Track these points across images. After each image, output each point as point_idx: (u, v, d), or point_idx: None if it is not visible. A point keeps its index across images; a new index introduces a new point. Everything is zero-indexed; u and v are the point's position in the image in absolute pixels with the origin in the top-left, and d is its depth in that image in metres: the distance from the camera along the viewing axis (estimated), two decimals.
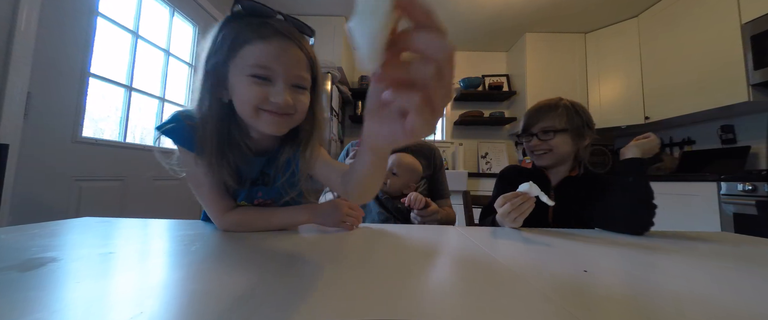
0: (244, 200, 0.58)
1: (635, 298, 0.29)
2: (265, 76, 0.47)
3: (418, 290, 0.30)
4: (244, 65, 0.47)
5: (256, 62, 0.46)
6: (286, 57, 0.48)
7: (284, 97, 0.47)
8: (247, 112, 0.49)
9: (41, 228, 0.51)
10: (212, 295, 0.26)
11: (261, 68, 0.47)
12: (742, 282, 0.36)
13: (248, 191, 0.58)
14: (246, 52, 0.47)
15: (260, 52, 0.47)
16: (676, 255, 0.47)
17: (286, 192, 0.59)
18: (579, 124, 0.80)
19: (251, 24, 0.48)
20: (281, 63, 0.47)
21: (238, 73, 0.48)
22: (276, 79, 0.48)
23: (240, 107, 0.49)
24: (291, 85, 0.49)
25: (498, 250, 0.46)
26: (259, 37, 0.47)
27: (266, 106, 0.47)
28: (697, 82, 2.04)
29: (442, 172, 1.10)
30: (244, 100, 0.48)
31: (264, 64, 0.47)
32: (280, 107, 0.48)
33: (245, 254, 0.42)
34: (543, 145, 0.80)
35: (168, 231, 0.54)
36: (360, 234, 0.57)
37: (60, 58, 1.24)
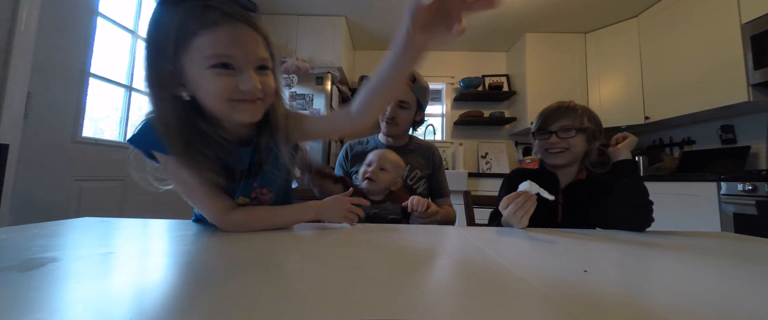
0: (241, 196, 0.56)
1: (635, 298, 0.29)
2: (227, 64, 0.45)
3: (418, 290, 0.30)
4: (200, 58, 0.44)
5: (213, 53, 0.44)
6: (242, 40, 0.45)
7: (253, 84, 0.46)
8: (219, 105, 0.46)
9: (41, 228, 0.51)
10: (212, 295, 0.26)
11: (220, 57, 0.44)
12: (742, 282, 0.36)
13: (243, 185, 0.55)
14: (197, 43, 0.43)
15: (214, 40, 0.43)
16: (676, 255, 0.47)
17: (275, 175, 0.57)
18: (594, 128, 0.83)
19: (192, 11, 0.43)
20: (240, 48, 0.45)
21: (196, 67, 0.44)
22: (239, 65, 0.45)
23: (209, 102, 0.47)
24: (255, 68, 0.47)
25: (498, 250, 0.46)
26: (205, 25, 0.43)
27: (237, 95, 0.46)
28: (697, 82, 2.04)
29: (442, 171, 1.10)
30: (213, 94, 0.45)
31: (222, 53, 0.44)
32: (251, 94, 0.46)
33: (245, 254, 0.42)
34: (561, 143, 0.82)
35: (168, 231, 0.54)
36: (360, 233, 0.57)
37: (60, 58, 1.24)
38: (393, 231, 0.61)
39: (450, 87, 3.26)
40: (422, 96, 1.04)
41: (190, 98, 0.47)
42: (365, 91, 0.51)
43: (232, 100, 0.46)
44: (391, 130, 1.04)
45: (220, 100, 0.46)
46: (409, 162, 1.04)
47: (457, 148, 3.00)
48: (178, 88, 0.46)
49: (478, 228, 0.68)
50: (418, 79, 1.03)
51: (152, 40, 0.46)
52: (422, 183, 1.04)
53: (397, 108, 1.01)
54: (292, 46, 2.64)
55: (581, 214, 0.81)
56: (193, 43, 0.43)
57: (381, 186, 0.87)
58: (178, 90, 0.46)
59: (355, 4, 2.50)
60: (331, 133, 0.62)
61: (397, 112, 1.01)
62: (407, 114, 1.03)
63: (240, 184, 0.55)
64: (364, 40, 3.11)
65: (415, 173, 1.03)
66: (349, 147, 1.09)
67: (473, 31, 2.86)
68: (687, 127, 2.38)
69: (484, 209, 1.06)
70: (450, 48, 3.22)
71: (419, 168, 1.04)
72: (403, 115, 1.02)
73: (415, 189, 1.02)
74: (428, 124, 3.08)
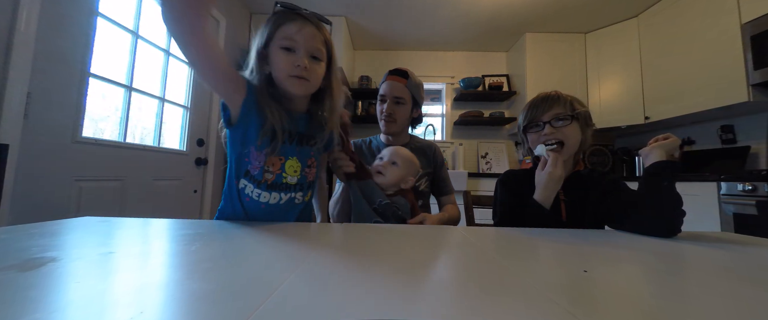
0: (296, 156, 0.69)
1: (635, 298, 0.29)
2: (291, 47, 0.63)
3: (418, 290, 0.30)
4: (277, 39, 0.63)
5: (284, 36, 0.63)
6: (304, 32, 0.63)
7: (303, 61, 0.62)
8: (281, 77, 0.64)
9: (41, 228, 0.51)
10: (212, 295, 0.26)
11: (287, 40, 0.63)
12: (741, 282, 0.36)
13: (301, 150, 0.70)
14: (280, 32, 0.63)
15: (288, 29, 0.63)
16: (676, 254, 0.47)
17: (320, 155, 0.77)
18: (585, 114, 0.80)
19: (286, 14, 0.65)
20: (302, 36, 0.63)
21: (274, 48, 0.64)
22: (298, 49, 0.63)
23: (276, 74, 0.65)
24: (309, 55, 0.64)
25: (498, 250, 0.46)
26: (289, 20, 0.64)
27: (293, 71, 0.63)
28: (697, 82, 2.04)
29: (444, 169, 1.10)
30: (279, 68, 0.64)
31: (289, 36, 0.62)
32: (300, 70, 0.62)
33: (245, 254, 0.42)
34: (557, 133, 0.78)
35: (168, 231, 0.54)
36: (360, 233, 0.57)
37: (60, 58, 1.24)
38: (393, 230, 0.61)
39: (450, 87, 3.26)
40: (417, 92, 1.05)
41: (269, 74, 0.66)
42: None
43: (291, 76, 0.63)
44: (390, 128, 1.05)
45: (283, 73, 0.63)
46: None
47: (457, 148, 3.00)
48: (265, 66, 0.66)
49: (478, 228, 0.68)
50: (411, 76, 1.03)
51: (261, 35, 0.65)
52: (424, 181, 1.04)
53: (393, 104, 1.02)
54: None
55: (586, 208, 0.78)
56: (278, 31, 0.63)
57: (390, 181, 0.86)
58: (265, 67, 0.66)
59: (355, 4, 2.50)
60: None
61: (393, 108, 1.02)
62: (404, 110, 1.03)
63: (296, 147, 0.69)
64: (364, 40, 3.11)
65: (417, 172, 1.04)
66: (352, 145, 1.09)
67: (473, 31, 2.86)
68: (687, 127, 2.38)
69: (484, 209, 1.06)
70: (450, 48, 3.22)
71: (421, 166, 1.04)
72: (400, 111, 1.02)
73: (418, 187, 1.02)
74: (428, 124, 3.08)
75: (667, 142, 0.70)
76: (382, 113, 1.03)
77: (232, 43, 2.42)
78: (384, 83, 1.05)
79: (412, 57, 3.28)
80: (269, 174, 0.66)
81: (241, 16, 2.55)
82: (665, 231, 0.61)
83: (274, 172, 0.67)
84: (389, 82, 1.03)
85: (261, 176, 0.66)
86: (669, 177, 0.65)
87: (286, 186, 0.69)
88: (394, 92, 1.02)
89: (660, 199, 0.64)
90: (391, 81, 1.03)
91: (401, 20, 2.71)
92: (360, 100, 3.10)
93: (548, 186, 0.75)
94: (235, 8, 2.46)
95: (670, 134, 0.71)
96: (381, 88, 1.05)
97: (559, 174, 0.75)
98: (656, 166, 0.67)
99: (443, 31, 2.88)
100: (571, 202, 0.79)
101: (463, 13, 2.57)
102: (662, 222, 0.62)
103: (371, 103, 3.08)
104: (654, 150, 0.69)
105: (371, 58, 3.29)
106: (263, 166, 0.65)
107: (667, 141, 0.70)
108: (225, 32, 2.30)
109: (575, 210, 0.79)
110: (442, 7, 2.50)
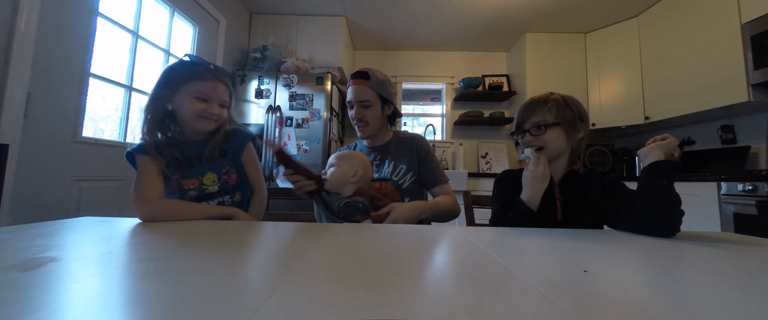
0: (211, 171, 0.81)
1: (635, 298, 0.29)
2: (205, 99, 0.78)
3: (418, 290, 0.30)
4: (192, 91, 0.77)
5: (200, 91, 0.78)
6: (216, 89, 0.80)
7: (215, 109, 0.80)
8: (191, 117, 0.78)
9: (41, 228, 0.51)
10: (212, 295, 0.26)
11: (202, 93, 0.78)
12: (741, 282, 0.36)
13: (213, 164, 0.81)
14: (193, 85, 0.77)
15: (203, 86, 0.78)
16: (676, 255, 0.47)
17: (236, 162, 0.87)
18: (571, 117, 0.80)
19: (196, 69, 0.80)
20: (215, 92, 0.80)
21: (187, 96, 0.77)
22: (211, 100, 0.79)
23: (186, 115, 0.78)
24: (219, 104, 0.81)
25: (498, 250, 0.46)
26: (201, 77, 0.79)
27: (204, 115, 0.78)
28: (697, 82, 2.04)
29: (431, 159, 1.05)
30: (190, 110, 0.77)
31: (203, 91, 0.78)
32: (214, 116, 0.80)
33: (244, 254, 0.42)
34: (536, 140, 0.81)
35: (168, 231, 0.54)
36: (359, 233, 0.57)
37: (60, 58, 1.24)
38: (393, 230, 0.61)
39: (450, 87, 3.26)
40: (382, 90, 1.02)
41: (171, 110, 0.79)
42: None
43: (201, 116, 0.78)
44: (364, 132, 1.03)
45: (193, 115, 0.78)
46: (392, 159, 1.03)
47: (457, 148, 3.00)
48: (167, 101, 0.78)
49: (478, 228, 0.68)
50: (372, 75, 1.00)
51: (169, 73, 0.79)
52: (409, 178, 1.01)
53: (360, 108, 1.00)
54: (292, 46, 2.64)
55: (582, 208, 0.78)
56: (189, 84, 0.77)
57: (333, 181, 0.84)
58: (166, 101, 0.78)
59: (355, 4, 2.50)
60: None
61: (362, 112, 1.00)
62: (373, 111, 1.01)
63: (206, 165, 0.81)
64: (364, 40, 3.11)
65: (399, 169, 1.01)
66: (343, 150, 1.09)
67: (473, 31, 2.86)
68: (687, 127, 2.38)
69: (484, 209, 1.06)
70: (450, 48, 3.23)
71: (405, 162, 1.02)
72: (369, 114, 1.00)
73: (401, 185, 1.00)
74: (428, 124, 3.08)
75: (665, 142, 0.70)
76: (353, 119, 1.02)
77: (232, 43, 2.42)
78: (348, 89, 1.02)
79: (412, 57, 3.28)
80: (192, 191, 0.79)
81: (241, 16, 2.56)
82: (665, 231, 0.61)
83: (195, 189, 0.80)
84: (352, 87, 1.01)
85: (184, 197, 0.78)
86: (668, 176, 0.65)
87: (211, 195, 0.82)
88: (359, 96, 1.00)
89: (659, 199, 0.63)
90: (353, 86, 1.01)
91: (401, 20, 2.71)
92: None
93: (532, 185, 0.77)
94: (235, 8, 2.46)
95: (669, 134, 0.71)
96: (347, 93, 1.03)
97: (541, 172, 0.76)
98: (655, 166, 0.67)
99: (443, 31, 2.88)
100: (567, 202, 0.80)
101: (463, 13, 2.57)
102: (662, 222, 0.62)
103: None
104: (653, 150, 0.69)
105: (371, 58, 3.29)
106: (181, 188, 0.78)
107: (666, 141, 0.70)
108: (225, 32, 2.30)
109: (572, 209, 0.79)
110: (442, 7, 2.50)
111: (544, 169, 0.77)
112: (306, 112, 2.32)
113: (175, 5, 1.87)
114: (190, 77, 0.77)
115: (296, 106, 2.33)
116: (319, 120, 2.31)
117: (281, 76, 2.35)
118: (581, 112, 0.81)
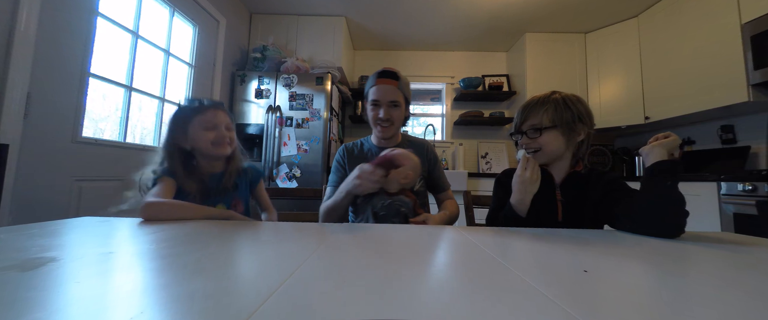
0: (221, 203, 0.88)
1: (635, 298, 0.29)
2: (214, 126, 0.87)
3: (418, 290, 0.30)
4: (200, 123, 0.86)
5: (207, 121, 0.87)
6: (220, 117, 0.89)
7: (226, 133, 0.89)
8: (205, 146, 0.87)
9: (41, 228, 0.51)
10: (212, 295, 0.26)
11: (210, 123, 0.87)
12: (741, 282, 0.36)
13: (225, 196, 0.90)
14: (199, 118, 0.87)
15: (208, 117, 0.88)
16: (676, 255, 0.47)
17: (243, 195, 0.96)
18: (569, 118, 0.78)
19: (199, 106, 0.89)
20: (219, 120, 0.89)
21: (197, 128, 0.86)
22: (219, 126, 0.88)
23: (201, 145, 0.87)
24: (225, 128, 0.90)
25: (498, 250, 0.46)
26: (204, 111, 0.88)
27: (217, 140, 0.87)
28: (697, 82, 2.04)
29: (438, 166, 1.09)
30: (205, 139, 0.86)
31: (211, 122, 0.87)
32: (226, 139, 0.89)
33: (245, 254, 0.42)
34: (532, 143, 0.80)
35: (168, 231, 0.54)
36: (359, 234, 0.57)
37: (60, 58, 1.24)
38: (392, 231, 0.61)
39: (450, 87, 3.26)
40: (408, 92, 1.05)
41: (189, 148, 0.88)
42: None
43: (214, 143, 0.87)
44: (387, 132, 1.03)
45: (207, 142, 0.86)
46: None
47: (457, 148, 3.00)
48: (183, 141, 0.87)
49: (478, 228, 0.68)
50: (401, 76, 1.01)
51: (176, 117, 0.88)
52: (419, 182, 1.03)
53: (389, 109, 1.00)
54: (292, 46, 2.64)
55: (583, 210, 0.77)
56: (196, 118, 0.87)
57: (393, 189, 0.86)
58: (183, 142, 0.87)
59: (355, 4, 2.50)
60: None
61: (390, 112, 1.00)
62: (399, 112, 1.02)
63: (219, 197, 0.89)
64: (364, 40, 3.11)
65: None
66: (345, 148, 1.08)
67: (473, 31, 2.86)
68: (687, 127, 2.38)
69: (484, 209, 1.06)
70: (450, 48, 3.23)
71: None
72: (396, 114, 1.01)
73: (413, 188, 1.02)
74: (428, 124, 3.08)
75: (667, 140, 0.68)
76: (377, 118, 1.00)
77: (232, 43, 2.42)
78: (375, 88, 1.00)
79: (412, 57, 3.28)
80: None
81: (241, 16, 2.55)
82: (669, 231, 0.60)
83: None
84: (381, 87, 1.00)
85: None
86: (672, 176, 0.63)
87: None
88: (389, 96, 0.99)
89: (663, 199, 0.62)
90: (383, 85, 1.00)
91: (401, 20, 2.71)
92: (360, 100, 3.10)
93: (520, 190, 0.76)
94: (235, 8, 2.46)
95: (671, 132, 0.70)
96: (371, 92, 1.01)
97: (528, 176, 0.75)
98: (658, 166, 0.65)
99: (443, 31, 2.88)
100: (568, 203, 0.79)
101: (463, 13, 2.57)
102: (667, 222, 0.61)
103: None
104: (654, 149, 0.68)
105: (371, 58, 3.29)
106: None
107: (668, 139, 0.69)
108: (225, 32, 2.30)
109: (572, 210, 0.78)
110: (441, 7, 2.50)
111: (531, 174, 0.76)
112: (306, 112, 2.32)
113: (175, 5, 1.87)
114: (191, 114, 0.87)
115: (296, 106, 2.33)
116: (319, 120, 2.31)
117: (281, 76, 2.35)
118: (581, 113, 0.79)
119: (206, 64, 2.17)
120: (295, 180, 2.27)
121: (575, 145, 0.81)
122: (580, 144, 0.81)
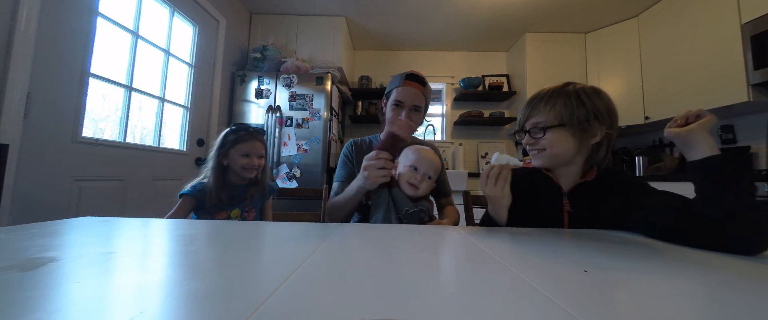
0: (237, 208, 1.07)
1: (635, 298, 0.29)
2: (248, 154, 1.05)
3: (418, 290, 0.30)
4: (239, 150, 1.04)
5: (244, 150, 1.05)
6: (255, 148, 1.06)
7: (256, 163, 1.06)
8: (238, 169, 1.04)
9: (41, 228, 0.51)
10: (212, 295, 0.26)
11: (246, 152, 1.05)
12: (741, 282, 0.36)
13: (242, 203, 1.09)
14: (239, 147, 1.05)
15: (245, 146, 1.05)
16: (676, 255, 0.47)
17: (258, 203, 1.15)
18: (582, 116, 0.64)
19: (240, 134, 1.07)
20: (253, 150, 1.06)
21: (236, 153, 1.04)
22: (252, 155, 1.05)
23: (236, 166, 1.04)
24: (257, 157, 1.07)
25: (498, 250, 0.46)
26: (244, 140, 1.05)
27: (249, 166, 1.05)
28: (697, 81, 2.04)
29: (445, 171, 1.11)
30: (240, 164, 1.04)
31: (247, 151, 1.05)
32: (255, 167, 1.06)
33: (245, 254, 0.42)
34: (536, 143, 0.69)
35: (168, 231, 0.54)
36: (359, 234, 0.57)
37: (60, 58, 1.24)
38: (392, 231, 0.61)
39: (450, 87, 3.26)
40: (430, 98, 1.06)
41: (226, 165, 1.06)
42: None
43: (244, 168, 1.04)
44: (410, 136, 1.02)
45: (241, 166, 1.04)
46: None
47: (457, 148, 3.00)
48: (223, 158, 1.05)
49: (478, 228, 0.68)
50: (427, 82, 1.03)
51: (224, 138, 1.06)
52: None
53: (411, 112, 0.99)
54: (292, 46, 2.64)
55: (598, 221, 0.66)
56: (237, 146, 1.04)
57: (422, 193, 0.86)
58: (223, 159, 1.05)
59: (355, 4, 2.50)
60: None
61: (411, 116, 0.99)
62: (419, 117, 1.02)
63: (237, 203, 1.07)
64: (364, 40, 3.11)
65: None
66: (353, 143, 1.08)
67: (473, 31, 2.86)
68: None
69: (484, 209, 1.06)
70: (450, 48, 3.23)
71: None
72: (417, 118, 1.01)
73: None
74: (428, 123, 3.08)
75: (706, 121, 0.52)
76: (397, 120, 1.00)
77: (232, 43, 2.42)
78: (401, 89, 0.99)
79: (412, 57, 3.28)
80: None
81: (241, 16, 2.55)
82: (752, 247, 0.46)
83: (223, 220, 0.99)
84: (408, 89, 0.98)
85: None
86: (745, 174, 0.50)
87: None
88: (414, 100, 0.98)
89: (742, 207, 0.49)
90: (410, 87, 0.98)
91: (401, 20, 2.71)
92: (360, 100, 3.10)
93: (492, 202, 0.68)
94: (235, 8, 2.46)
95: (702, 110, 0.54)
96: (396, 92, 0.99)
97: (489, 193, 0.65)
98: (719, 162, 0.51)
99: (443, 31, 2.88)
100: (575, 214, 0.69)
101: (463, 13, 2.57)
102: (749, 236, 0.47)
103: (371, 103, 3.08)
104: (697, 135, 0.52)
105: (371, 58, 3.29)
106: (213, 218, 0.99)
107: (706, 120, 0.52)
108: (225, 32, 2.30)
109: (582, 223, 0.68)
110: (442, 7, 2.50)
111: (491, 190, 0.64)
112: (306, 112, 2.32)
113: (175, 5, 1.87)
114: (235, 141, 1.05)
115: (296, 106, 2.33)
116: (319, 120, 2.31)
117: (281, 76, 2.35)
118: (598, 109, 0.65)
119: (206, 64, 2.17)
120: (295, 180, 2.27)
121: (588, 148, 0.68)
122: (597, 147, 0.68)
